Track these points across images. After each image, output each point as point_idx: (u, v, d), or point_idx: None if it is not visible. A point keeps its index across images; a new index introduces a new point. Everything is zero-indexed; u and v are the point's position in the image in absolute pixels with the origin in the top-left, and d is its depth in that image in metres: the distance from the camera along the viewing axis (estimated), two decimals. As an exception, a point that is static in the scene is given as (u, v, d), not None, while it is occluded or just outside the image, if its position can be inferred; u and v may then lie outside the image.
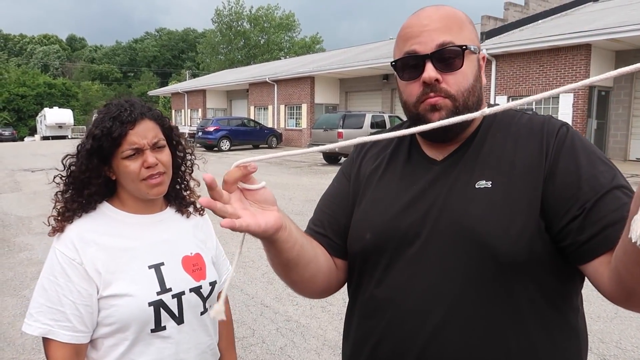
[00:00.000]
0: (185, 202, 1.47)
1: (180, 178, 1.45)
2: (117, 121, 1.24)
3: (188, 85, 38.48)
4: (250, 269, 5.42)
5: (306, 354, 3.50)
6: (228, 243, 6.50)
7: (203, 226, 1.50)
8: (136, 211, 1.35)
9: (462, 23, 1.00)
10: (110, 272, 1.24)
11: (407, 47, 0.99)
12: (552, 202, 0.92)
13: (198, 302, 1.35)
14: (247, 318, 4.14)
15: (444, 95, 0.96)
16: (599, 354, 3.42)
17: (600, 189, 0.89)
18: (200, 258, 1.40)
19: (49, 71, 73.88)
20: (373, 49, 26.31)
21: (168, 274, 1.30)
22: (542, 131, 0.98)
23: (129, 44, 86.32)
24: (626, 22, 13.88)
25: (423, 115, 0.98)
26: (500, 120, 1.03)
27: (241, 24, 56.45)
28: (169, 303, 1.28)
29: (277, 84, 27.40)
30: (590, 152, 0.95)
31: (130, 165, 1.25)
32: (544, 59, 15.74)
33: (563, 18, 18.96)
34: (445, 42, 0.95)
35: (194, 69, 67.08)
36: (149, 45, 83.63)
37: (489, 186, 0.95)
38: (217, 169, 14.56)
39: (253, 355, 3.51)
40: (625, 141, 16.00)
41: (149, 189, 1.29)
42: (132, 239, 1.30)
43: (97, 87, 65.79)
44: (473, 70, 0.99)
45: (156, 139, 1.29)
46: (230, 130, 24.15)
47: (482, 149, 1.00)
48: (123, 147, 1.24)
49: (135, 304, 1.23)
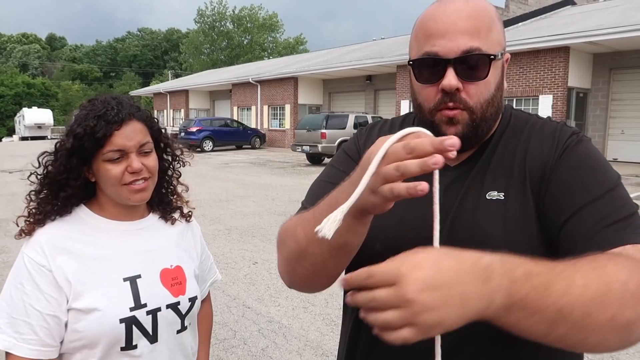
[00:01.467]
0: (170, 207, 1.36)
1: (166, 182, 1.35)
2: (102, 120, 1.13)
3: (171, 86, 38.14)
4: (233, 270, 5.40)
5: (288, 355, 3.50)
6: (211, 243, 6.46)
7: (188, 234, 1.40)
8: (116, 217, 1.24)
9: (492, 22, 0.90)
10: (81, 282, 1.14)
11: (427, 45, 0.88)
12: (548, 212, 0.88)
13: (175, 319, 1.25)
14: (229, 319, 4.12)
15: (463, 107, 0.88)
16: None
17: (589, 196, 0.85)
18: (181, 271, 1.30)
19: (28, 70, 72.54)
20: (357, 50, 26.40)
21: (144, 288, 1.20)
22: (554, 139, 0.93)
23: (110, 44, 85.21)
24: (603, 26, 14.17)
25: (438, 126, 0.90)
26: (514, 126, 0.98)
27: (224, 24, 56.20)
28: (142, 320, 1.18)
29: (260, 85, 27.32)
30: (593, 161, 0.90)
31: (112, 169, 1.15)
32: (524, 61, 15.97)
33: (543, 21, 19.26)
34: (472, 48, 0.86)
35: (176, 69, 66.52)
36: (131, 45, 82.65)
37: (502, 198, 0.91)
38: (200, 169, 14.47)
39: (235, 357, 3.50)
40: (603, 142, 16.31)
41: (130, 195, 1.18)
42: (108, 248, 1.20)
43: (78, 87, 64.76)
44: (496, 79, 0.92)
45: (143, 142, 1.18)
46: (213, 130, 24.01)
47: (494, 156, 0.95)
48: (106, 148, 1.14)
49: (105, 319, 1.13)
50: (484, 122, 0.91)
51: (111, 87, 70.98)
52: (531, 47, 15.40)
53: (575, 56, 15.38)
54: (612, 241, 0.79)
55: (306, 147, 17.15)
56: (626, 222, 0.82)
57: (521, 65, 16.04)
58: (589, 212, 0.84)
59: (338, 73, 23.64)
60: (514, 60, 16.14)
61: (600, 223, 0.82)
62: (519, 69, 16.12)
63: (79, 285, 1.13)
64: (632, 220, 0.83)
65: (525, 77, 16.04)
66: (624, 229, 0.81)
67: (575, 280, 0.65)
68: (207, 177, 13.47)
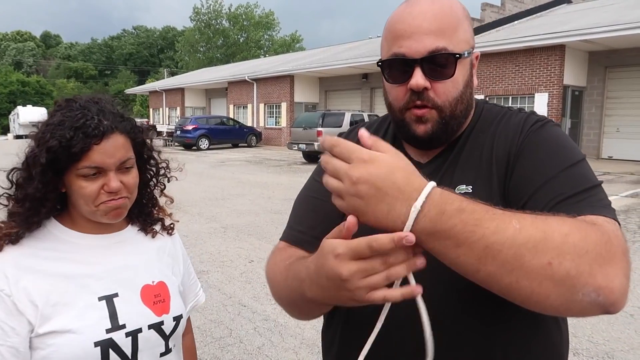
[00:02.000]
0: (150, 219, 1.25)
1: (148, 194, 1.24)
2: (81, 132, 1.00)
3: (166, 84, 38.03)
4: (228, 268, 5.39)
5: (284, 353, 3.49)
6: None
7: (171, 248, 1.28)
8: (90, 230, 1.12)
9: (458, 22, 0.92)
10: (50, 304, 1.02)
11: (395, 47, 0.91)
12: (511, 198, 0.89)
13: (158, 340, 1.13)
14: (225, 318, 4.11)
15: (431, 106, 0.91)
16: (571, 348, 3.48)
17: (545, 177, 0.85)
18: (164, 288, 1.18)
19: (22, 68, 72.18)
20: (353, 48, 26.38)
21: (122, 308, 1.08)
22: (519, 127, 0.94)
23: (105, 42, 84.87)
24: (598, 24, 14.21)
25: (408, 124, 0.94)
26: (484, 119, 1.00)
27: (220, 22, 56.06)
28: (121, 343, 1.06)
29: (256, 83, 27.26)
30: (553, 143, 0.91)
31: (87, 186, 1.03)
32: (520, 59, 16.01)
33: (538, 19, 19.30)
34: (437, 49, 0.88)
35: (172, 67, 66.33)
36: (126, 43, 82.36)
37: (470, 191, 0.92)
38: (196, 167, 14.46)
39: (230, 355, 3.48)
40: (598, 140, 16.38)
41: (105, 213, 1.07)
42: (82, 264, 1.08)
43: (73, 85, 64.54)
44: (464, 77, 0.93)
45: (125, 159, 1.06)
46: (209, 129, 23.96)
47: (464, 151, 0.97)
48: (82, 163, 1.01)
49: (78, 343, 1.01)
50: (453, 120, 0.94)
51: (106, 85, 70.81)
52: (527, 45, 15.43)
53: (571, 54, 15.42)
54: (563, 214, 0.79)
55: (302, 146, 17.14)
56: (581, 196, 0.81)
57: (517, 64, 16.08)
58: (544, 192, 0.84)
59: (334, 71, 23.62)
60: (510, 58, 16.19)
61: (552, 201, 0.82)
62: (514, 67, 16.15)
63: (48, 307, 1.02)
64: (589, 194, 0.82)
65: (521, 75, 16.07)
66: (577, 202, 0.80)
67: (511, 222, 0.65)
68: (203, 176, 13.44)
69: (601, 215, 0.76)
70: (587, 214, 0.76)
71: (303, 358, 3.43)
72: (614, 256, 0.66)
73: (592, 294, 0.64)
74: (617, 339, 3.62)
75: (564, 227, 0.66)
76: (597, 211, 0.77)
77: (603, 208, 0.79)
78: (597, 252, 0.65)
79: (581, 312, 0.66)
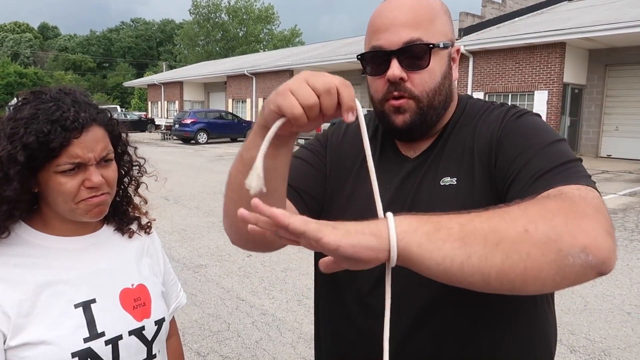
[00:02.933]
0: (127, 218, 1.18)
1: (122, 191, 1.16)
2: (58, 126, 0.93)
3: (165, 77, 37.89)
4: (227, 263, 5.38)
5: (282, 348, 3.49)
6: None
7: (150, 248, 1.22)
8: (63, 233, 1.05)
9: (434, 14, 0.95)
10: (23, 314, 0.95)
11: (373, 40, 0.95)
12: (498, 185, 0.90)
13: (140, 347, 1.07)
14: (223, 312, 4.11)
15: (408, 96, 0.94)
16: (568, 345, 3.50)
17: (524, 159, 0.87)
18: (145, 290, 1.12)
19: (20, 60, 71.85)
20: (352, 43, 26.31)
21: (100, 314, 1.02)
22: (499, 118, 0.97)
23: (104, 34, 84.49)
24: (599, 22, 14.18)
25: (388, 115, 0.97)
26: (468, 113, 1.02)
27: (219, 15, 55.83)
28: (100, 351, 1.00)
29: (255, 77, 27.19)
30: (531, 128, 0.92)
31: (66, 182, 0.96)
32: (520, 56, 15.97)
33: (539, 16, 19.26)
34: (412, 39, 0.91)
35: (171, 60, 66.11)
36: (125, 36, 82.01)
37: (454, 183, 0.94)
38: (194, 162, 14.43)
39: (228, 349, 3.48)
40: (597, 138, 16.38)
41: (86, 211, 1.00)
42: (55, 270, 1.01)
43: (71, 77, 64.24)
44: (442, 68, 0.95)
45: (105, 152, 1.00)
46: (207, 123, 23.88)
47: (448, 144, 0.99)
48: (61, 159, 0.94)
49: (54, 354, 0.95)
50: (431, 110, 0.96)
51: (105, 78, 70.60)
52: (527, 43, 15.39)
53: (571, 52, 15.39)
54: (538, 190, 0.79)
55: (301, 140, 17.11)
56: (557, 170, 0.82)
57: (517, 61, 16.05)
58: (525, 171, 0.85)
59: (334, 66, 23.56)
60: (510, 55, 16.16)
61: (532, 177, 0.83)
62: (514, 64, 16.12)
63: (20, 318, 0.95)
64: (566, 167, 0.83)
65: (520, 73, 16.04)
66: (554, 176, 0.81)
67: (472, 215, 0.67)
68: (201, 170, 13.40)
69: (573, 184, 0.77)
70: (560, 185, 0.77)
71: (300, 352, 3.44)
72: (584, 214, 0.67)
73: (582, 255, 0.63)
74: (614, 336, 3.63)
75: (520, 206, 0.69)
76: (571, 181, 0.79)
77: (577, 178, 0.80)
78: (564, 214, 0.66)
79: (578, 278, 0.65)
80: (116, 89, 66.00)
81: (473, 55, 16.95)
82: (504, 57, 16.37)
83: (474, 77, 17.14)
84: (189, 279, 4.88)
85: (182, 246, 6.03)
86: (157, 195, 10.10)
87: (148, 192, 1.26)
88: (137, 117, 34.21)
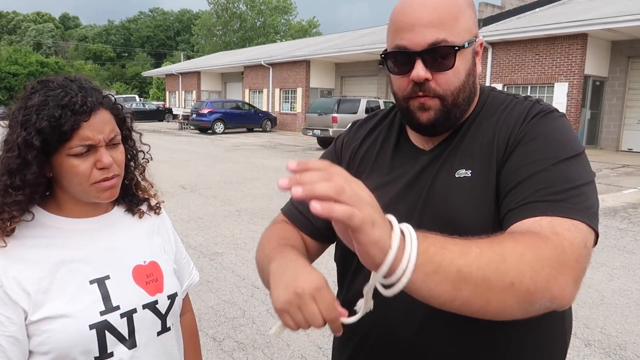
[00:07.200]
0: (136, 199, 1.23)
1: (130, 173, 1.21)
2: (68, 110, 0.98)
3: (182, 67, 38.14)
4: (242, 251, 5.45)
5: (295, 335, 3.54)
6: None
7: (160, 227, 1.27)
8: (76, 215, 1.11)
9: (458, 11, 0.92)
10: (42, 291, 1.01)
11: (397, 39, 0.93)
12: (500, 184, 0.90)
13: (154, 320, 1.14)
14: (238, 299, 4.17)
15: (432, 95, 0.93)
16: (583, 339, 3.48)
17: (532, 170, 0.86)
18: (157, 267, 1.18)
19: (42, 49, 72.87)
20: (370, 34, 26.13)
21: (115, 289, 1.08)
22: (522, 114, 0.95)
23: (123, 24, 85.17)
24: (623, 12, 13.86)
25: (412, 112, 0.97)
26: (489, 107, 1.01)
27: (237, 5, 55.82)
28: (116, 324, 1.06)
29: (272, 68, 27.21)
30: (552, 134, 0.90)
31: (79, 165, 1.01)
32: (540, 48, 15.72)
33: (560, 7, 18.90)
34: (437, 40, 0.89)
35: (188, 50, 66.40)
36: (143, 26, 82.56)
37: (469, 175, 0.94)
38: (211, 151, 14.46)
39: (243, 335, 3.55)
40: (618, 132, 16.08)
41: (99, 193, 1.06)
42: (70, 249, 1.07)
43: (90, 67, 65.00)
44: (466, 66, 0.94)
45: (113, 134, 1.06)
46: (224, 113, 24.02)
47: (466, 137, 0.98)
48: (73, 142, 1.00)
49: (73, 327, 1.01)
50: (455, 108, 0.95)
51: (124, 68, 71.19)
52: (548, 34, 15.13)
53: (593, 43, 15.09)
54: (535, 213, 0.80)
55: (317, 131, 17.12)
56: (562, 195, 0.81)
57: (537, 52, 15.80)
58: (529, 183, 0.85)
59: (351, 57, 23.45)
60: (530, 47, 15.90)
61: (535, 194, 0.83)
62: (534, 55, 15.88)
63: (40, 294, 1.01)
64: (572, 194, 0.82)
65: (540, 64, 15.79)
66: (557, 201, 0.81)
67: (470, 247, 0.69)
68: (218, 159, 13.52)
69: (568, 219, 0.78)
70: (556, 216, 0.78)
71: (315, 340, 3.48)
72: (566, 266, 0.72)
73: (547, 303, 0.71)
74: (630, 331, 3.60)
75: (518, 248, 0.71)
76: (568, 213, 0.78)
77: (576, 211, 0.79)
78: (552, 267, 0.70)
79: (534, 315, 0.73)
80: (135, 79, 66.59)
81: (492, 46, 16.72)
82: (523, 48, 16.13)
83: (493, 68, 16.92)
84: (206, 266, 4.96)
85: (199, 234, 6.11)
86: (175, 183, 10.22)
87: (165, 181, 1.28)
88: (155, 107, 34.56)
